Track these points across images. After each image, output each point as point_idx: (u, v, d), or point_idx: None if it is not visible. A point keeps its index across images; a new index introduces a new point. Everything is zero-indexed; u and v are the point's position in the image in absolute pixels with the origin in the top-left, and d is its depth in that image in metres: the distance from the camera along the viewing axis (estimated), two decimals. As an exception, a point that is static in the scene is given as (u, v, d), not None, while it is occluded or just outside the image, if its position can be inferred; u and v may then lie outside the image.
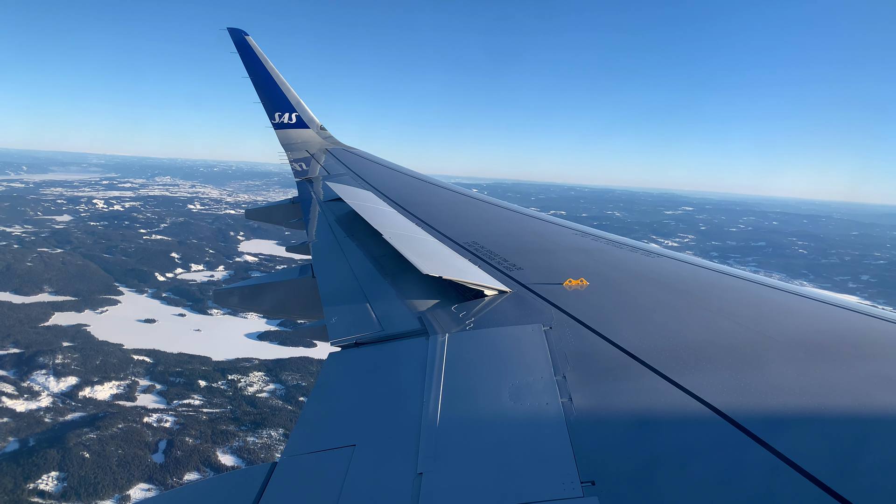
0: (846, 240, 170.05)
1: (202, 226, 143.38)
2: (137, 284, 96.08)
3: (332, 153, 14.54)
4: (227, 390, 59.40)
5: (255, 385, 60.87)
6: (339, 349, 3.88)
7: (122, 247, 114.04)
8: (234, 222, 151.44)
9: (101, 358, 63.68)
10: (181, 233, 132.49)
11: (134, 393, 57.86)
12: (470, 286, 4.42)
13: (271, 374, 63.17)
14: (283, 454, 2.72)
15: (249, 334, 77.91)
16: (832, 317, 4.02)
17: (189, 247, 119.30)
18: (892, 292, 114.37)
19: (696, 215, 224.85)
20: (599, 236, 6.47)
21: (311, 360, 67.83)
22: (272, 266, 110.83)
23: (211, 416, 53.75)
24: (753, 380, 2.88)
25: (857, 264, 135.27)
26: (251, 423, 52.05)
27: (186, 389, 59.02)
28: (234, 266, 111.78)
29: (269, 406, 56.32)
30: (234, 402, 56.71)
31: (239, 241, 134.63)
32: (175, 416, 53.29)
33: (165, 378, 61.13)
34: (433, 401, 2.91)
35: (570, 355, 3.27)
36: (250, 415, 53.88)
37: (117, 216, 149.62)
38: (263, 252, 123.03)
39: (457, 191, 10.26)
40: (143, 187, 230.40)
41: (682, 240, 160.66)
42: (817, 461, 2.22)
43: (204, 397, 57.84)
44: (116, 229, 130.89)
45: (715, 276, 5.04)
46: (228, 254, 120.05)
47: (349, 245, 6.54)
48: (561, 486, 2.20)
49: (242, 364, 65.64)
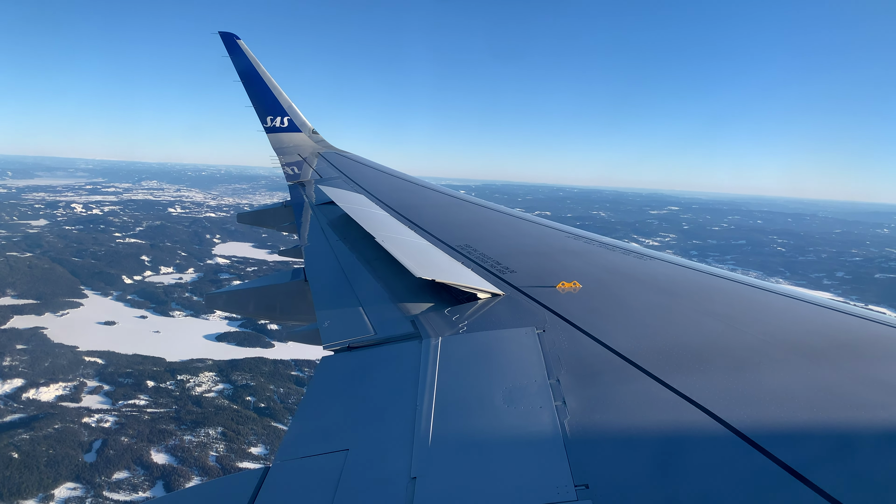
0: (826, 238, 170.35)
1: (178, 229, 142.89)
2: (103, 287, 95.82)
3: (324, 157, 14.62)
4: (174, 390, 59.34)
5: (203, 385, 60.83)
6: (332, 353, 3.89)
7: (92, 250, 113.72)
8: (210, 225, 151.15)
9: (51, 360, 63.65)
10: (156, 236, 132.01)
11: (80, 394, 57.73)
12: (463, 289, 4.43)
13: (222, 375, 63.11)
14: (275, 459, 2.72)
15: (208, 335, 77.76)
16: (825, 319, 4.03)
17: (161, 250, 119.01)
18: (865, 288, 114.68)
19: (682, 215, 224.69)
20: (592, 239, 6.48)
21: (265, 361, 67.85)
22: (243, 268, 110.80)
23: (154, 415, 53.74)
24: (746, 382, 2.88)
25: (833, 261, 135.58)
26: (191, 423, 52.07)
27: (133, 390, 58.92)
28: (205, 269, 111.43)
29: (214, 405, 56.28)
30: (180, 402, 56.67)
31: (214, 244, 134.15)
32: (117, 416, 53.28)
33: (114, 379, 60.99)
34: (427, 405, 2.92)
35: (563, 358, 3.27)
36: (193, 414, 53.87)
37: (94, 220, 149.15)
38: (237, 255, 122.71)
39: (449, 193, 10.30)
40: (127, 192, 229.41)
41: (663, 239, 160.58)
42: (811, 464, 2.22)
43: (150, 397, 57.76)
44: (90, 233, 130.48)
45: (708, 278, 5.04)
46: (200, 256, 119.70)
47: (342, 248, 6.56)
48: (555, 489, 2.20)
49: (195, 365, 65.56)
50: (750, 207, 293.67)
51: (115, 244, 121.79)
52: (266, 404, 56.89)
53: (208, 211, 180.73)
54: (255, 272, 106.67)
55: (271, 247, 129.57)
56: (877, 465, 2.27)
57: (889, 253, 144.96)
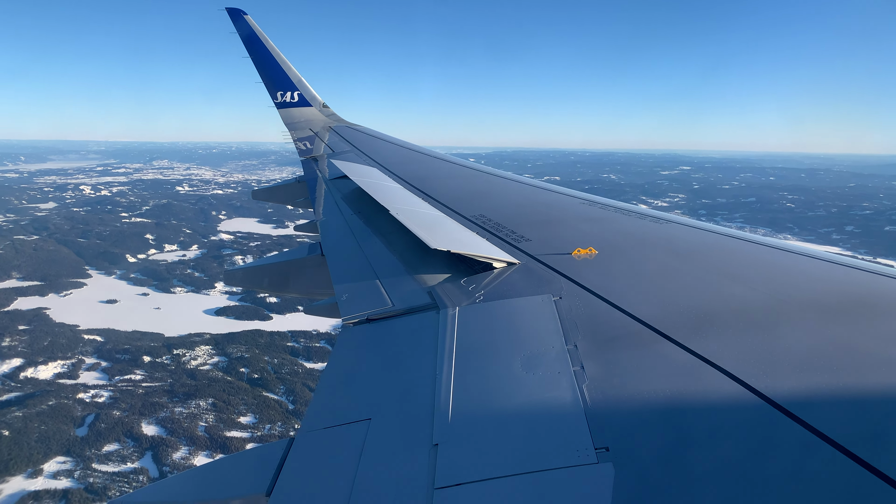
0: (839, 192, 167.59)
1: (184, 207, 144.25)
2: (107, 267, 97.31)
3: (336, 130, 14.67)
4: (170, 364, 60.43)
5: (199, 358, 61.86)
6: (352, 326, 3.96)
7: (97, 231, 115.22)
8: (216, 202, 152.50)
9: (51, 339, 64.96)
10: (162, 214, 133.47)
11: (78, 371, 58.98)
12: (478, 259, 4.48)
13: (218, 348, 64.09)
14: (299, 430, 2.83)
15: (207, 310, 78.90)
16: (845, 277, 4.01)
17: (166, 228, 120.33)
18: (874, 242, 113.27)
19: (693, 174, 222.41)
20: (607, 205, 6.48)
21: (262, 333, 68.70)
22: (246, 243, 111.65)
23: (148, 389, 54.83)
24: (766, 343, 2.90)
25: (843, 216, 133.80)
26: (183, 395, 53.05)
27: (130, 366, 60.08)
28: (209, 245, 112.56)
29: (207, 378, 57.28)
30: (175, 376, 57.70)
31: (220, 221, 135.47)
32: (112, 391, 54.44)
33: (112, 356, 62.20)
34: (446, 373, 2.97)
35: (580, 324, 3.31)
36: (186, 387, 54.85)
37: (102, 201, 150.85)
38: (241, 230, 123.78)
39: (461, 164, 10.34)
40: (137, 172, 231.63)
41: (672, 199, 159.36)
42: (834, 423, 2.23)
43: (146, 372, 58.89)
44: (97, 214, 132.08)
45: (725, 240, 5.04)
46: (205, 233, 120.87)
47: (356, 222, 6.65)
48: (575, 453, 2.25)
49: (192, 339, 66.57)
50: (764, 164, 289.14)
51: (120, 224, 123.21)
52: (259, 375, 57.73)
53: (216, 188, 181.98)
54: (258, 247, 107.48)
55: (276, 222, 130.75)
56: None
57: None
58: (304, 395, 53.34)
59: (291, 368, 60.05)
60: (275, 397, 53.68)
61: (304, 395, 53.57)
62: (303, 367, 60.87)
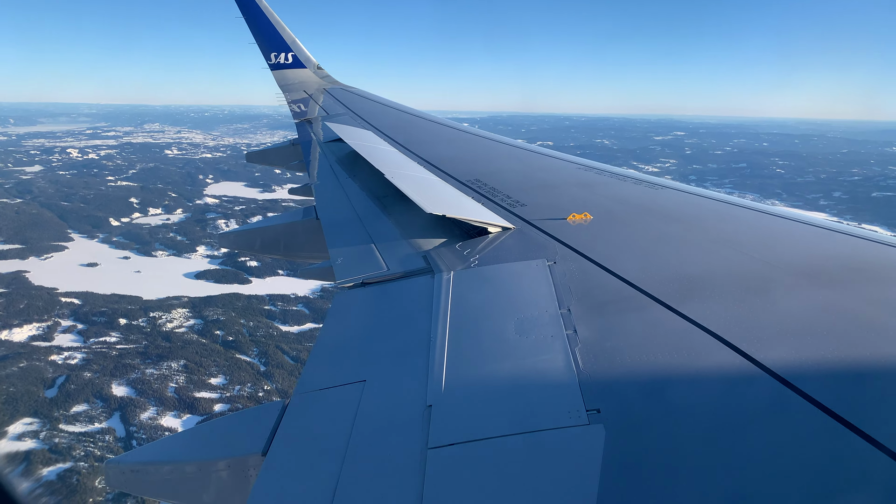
0: (830, 158, 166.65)
1: (171, 170, 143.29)
2: (90, 230, 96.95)
3: (331, 93, 14.59)
4: (145, 327, 60.72)
5: (175, 321, 62.11)
6: (347, 289, 4.00)
7: (81, 194, 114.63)
8: (204, 166, 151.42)
9: (28, 302, 65.08)
10: (148, 178, 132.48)
11: (53, 334, 59.21)
12: (473, 224, 4.51)
13: (195, 311, 64.31)
14: (294, 392, 2.85)
15: (188, 274, 78.97)
16: (838, 244, 4.05)
17: (151, 191, 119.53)
18: (860, 208, 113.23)
19: (686, 140, 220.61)
20: (603, 170, 6.49)
21: (240, 296, 68.97)
22: (231, 207, 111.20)
23: (122, 351, 55.23)
24: (758, 308, 2.93)
25: (832, 181, 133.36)
26: (156, 357, 53.48)
27: (106, 328, 60.35)
28: (193, 209, 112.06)
29: (182, 340, 57.66)
30: (150, 338, 58.05)
31: (207, 185, 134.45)
32: (86, 353, 54.82)
33: (89, 318, 62.46)
34: (440, 337, 3.01)
35: (574, 289, 3.34)
36: (160, 349, 55.26)
37: (88, 165, 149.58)
38: (227, 194, 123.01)
39: (457, 127, 10.32)
40: (127, 135, 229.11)
41: (662, 165, 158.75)
42: (822, 387, 2.25)
43: (121, 335, 59.19)
44: (83, 177, 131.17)
45: (720, 206, 5.07)
46: (190, 197, 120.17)
47: (351, 186, 6.64)
48: (567, 414, 2.29)
49: (170, 302, 66.76)
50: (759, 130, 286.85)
51: (105, 188, 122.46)
52: (234, 338, 58.11)
53: (205, 152, 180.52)
54: (242, 211, 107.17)
55: (263, 186, 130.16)
56: (886, 385, 2.30)
57: (890, 171, 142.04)
58: (277, 358, 53.79)
59: (266, 331, 60.42)
60: (247, 359, 54.12)
61: (277, 357, 54.00)
62: (278, 329, 61.25)
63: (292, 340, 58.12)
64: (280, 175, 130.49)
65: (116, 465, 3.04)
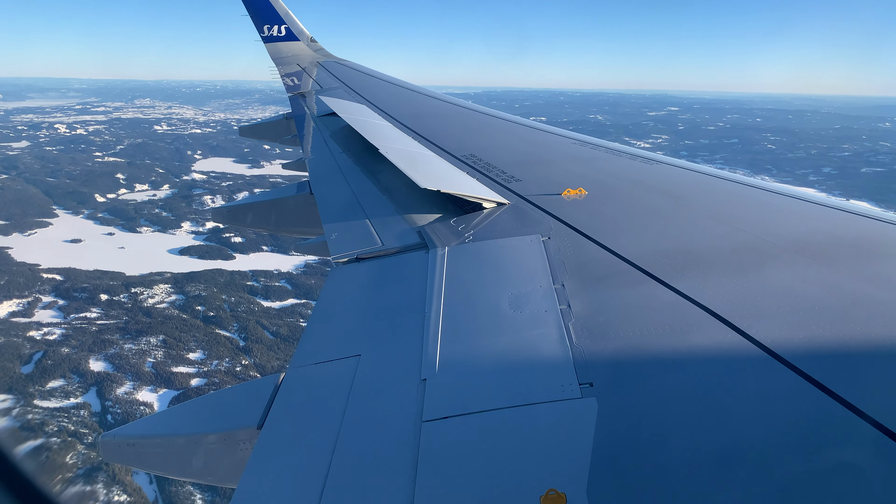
0: (822, 134, 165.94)
1: (160, 146, 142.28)
2: (75, 206, 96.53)
3: (324, 66, 14.53)
4: (126, 303, 60.71)
5: (156, 297, 62.09)
6: (341, 264, 4.03)
7: (67, 170, 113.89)
8: (193, 141, 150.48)
9: (8, 278, 64.94)
10: (136, 154, 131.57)
11: (33, 310, 59.20)
12: (468, 199, 4.51)
13: (177, 287, 64.26)
14: (290, 365, 2.87)
15: (172, 250, 78.86)
16: (830, 219, 4.07)
17: (138, 167, 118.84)
18: (849, 183, 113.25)
19: (680, 115, 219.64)
20: (598, 145, 6.51)
21: (222, 272, 68.90)
22: (219, 183, 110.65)
23: (102, 327, 55.26)
24: (751, 283, 2.95)
25: (822, 157, 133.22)
26: (135, 332, 53.53)
27: (87, 304, 60.34)
28: (180, 185, 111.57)
29: (162, 315, 57.66)
30: (131, 314, 58.06)
31: (195, 160, 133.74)
32: (66, 328, 54.85)
33: (70, 294, 62.42)
34: (435, 312, 3.03)
35: (568, 264, 3.37)
36: (140, 324, 55.30)
37: (76, 140, 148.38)
38: (216, 170, 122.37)
39: (452, 102, 10.26)
40: (117, 110, 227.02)
41: (655, 140, 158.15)
42: (813, 361, 2.27)
43: (102, 310, 59.22)
44: (69, 153, 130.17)
45: (714, 181, 5.08)
46: (178, 173, 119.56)
47: (346, 161, 6.63)
48: (560, 388, 2.31)
49: (153, 278, 66.71)
50: (753, 106, 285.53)
51: (92, 163, 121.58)
52: (215, 313, 58.16)
53: (195, 127, 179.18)
54: (229, 187, 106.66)
55: (252, 162, 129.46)
56: (877, 360, 2.32)
57: (881, 147, 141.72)
58: (257, 333, 53.88)
59: (248, 307, 60.45)
60: (227, 334, 54.21)
61: (257, 332, 54.09)
62: (259, 305, 61.29)
63: (273, 316, 58.17)
64: (269, 151, 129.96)
65: (112, 438, 3.06)
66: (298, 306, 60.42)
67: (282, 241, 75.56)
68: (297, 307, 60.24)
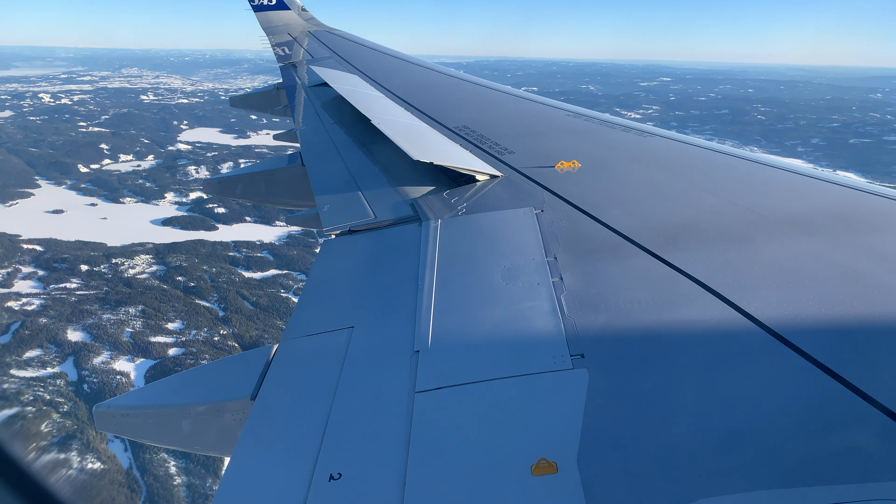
0: (812, 104, 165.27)
1: (145, 116, 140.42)
2: (58, 177, 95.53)
3: (315, 36, 14.45)
4: (107, 273, 60.58)
5: (137, 267, 62.00)
6: (334, 236, 4.04)
7: (50, 140, 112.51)
8: (179, 111, 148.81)
9: (-13, 248, 64.63)
10: (121, 124, 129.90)
11: (12, 280, 58.95)
12: (461, 171, 4.50)
13: (158, 257, 64.14)
14: (283, 337, 2.89)
15: (154, 220, 78.42)
16: (822, 192, 4.10)
17: (123, 137, 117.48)
18: (837, 154, 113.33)
19: (672, 86, 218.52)
20: (592, 117, 6.49)
21: (205, 243, 68.66)
22: (203, 154, 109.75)
23: (81, 297, 55.20)
24: (742, 256, 2.97)
25: (811, 128, 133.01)
26: (115, 302, 53.52)
27: (67, 274, 60.17)
28: (165, 155, 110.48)
29: (143, 286, 57.63)
30: (111, 284, 58.00)
31: (181, 131, 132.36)
32: (45, 299, 54.78)
33: (50, 265, 62.15)
34: (427, 284, 3.04)
35: (561, 237, 3.38)
36: (120, 295, 55.27)
37: (60, 110, 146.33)
38: (201, 140, 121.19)
39: (445, 73, 10.21)
40: (103, 80, 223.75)
41: (645, 111, 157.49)
42: (803, 333, 2.29)
43: (82, 281, 59.09)
44: (53, 123, 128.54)
45: (708, 154, 5.06)
46: (163, 143, 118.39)
47: (337, 132, 6.62)
48: (552, 359, 2.35)
49: (134, 248, 66.49)
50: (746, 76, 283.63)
51: (76, 133, 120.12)
52: (195, 283, 58.14)
53: (182, 97, 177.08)
54: (214, 158, 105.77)
55: (238, 132, 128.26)
56: (866, 331, 2.34)
57: (870, 118, 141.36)
58: (237, 303, 53.96)
59: (228, 277, 60.45)
60: (206, 304, 54.27)
61: (237, 302, 54.17)
62: (241, 276, 61.25)
63: (254, 287, 58.20)
64: (256, 121, 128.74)
65: (106, 408, 3.08)
66: (280, 277, 60.43)
67: (265, 212, 75.36)
68: (279, 278, 60.24)
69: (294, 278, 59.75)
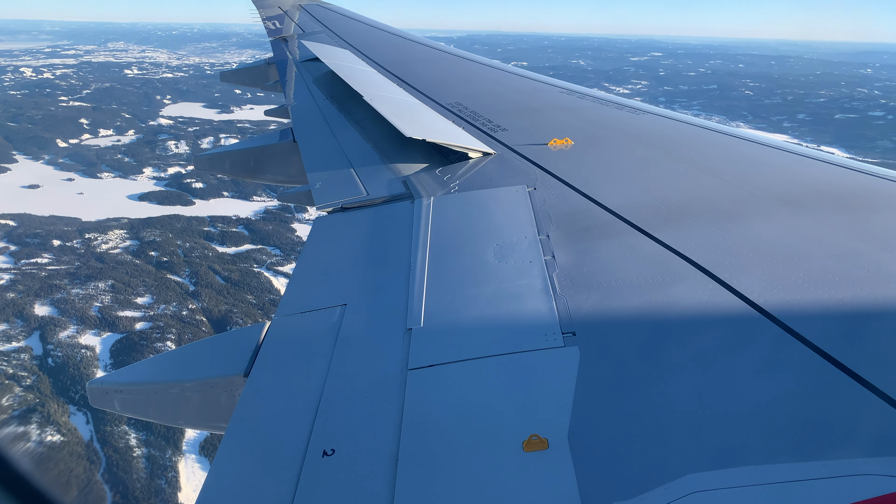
0: (801, 80, 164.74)
1: (128, 91, 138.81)
2: (36, 151, 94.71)
3: (307, 9, 14.32)
4: (79, 248, 60.34)
5: (110, 242, 61.74)
6: (326, 214, 4.01)
7: (29, 114, 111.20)
8: (162, 86, 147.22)
9: (-43, 223, 64.18)
10: (103, 98, 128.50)
11: (-17, 255, 58.73)
12: (454, 149, 4.48)
13: (132, 233, 63.85)
14: (276, 314, 2.90)
15: (131, 195, 77.99)
16: (813, 171, 4.08)
17: (104, 112, 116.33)
18: (822, 130, 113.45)
19: (662, 61, 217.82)
20: (585, 94, 6.47)
21: (180, 218, 68.47)
22: (185, 128, 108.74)
23: (52, 272, 54.98)
24: (733, 234, 2.96)
25: (798, 103, 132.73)
26: (85, 277, 53.34)
27: (39, 249, 59.92)
28: (146, 130, 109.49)
29: (115, 261, 57.42)
30: (83, 259, 57.77)
31: (164, 105, 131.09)
32: (15, 274, 54.54)
33: (22, 240, 61.85)
34: (420, 262, 3.04)
35: (553, 215, 3.36)
36: (91, 270, 55.07)
37: (41, 84, 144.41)
38: (184, 115, 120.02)
39: (437, 48, 10.10)
40: (88, 54, 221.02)
41: (634, 86, 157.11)
42: (793, 311, 2.30)
43: (54, 256, 58.86)
44: (34, 97, 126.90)
45: (701, 132, 5.05)
46: (144, 118, 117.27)
47: (329, 108, 6.59)
48: (543, 337, 2.36)
49: (109, 224, 66.19)
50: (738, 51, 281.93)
51: (56, 108, 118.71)
52: (168, 258, 57.94)
53: (166, 72, 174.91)
54: (195, 133, 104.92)
55: (222, 107, 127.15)
56: (857, 311, 2.33)
57: (857, 93, 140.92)
58: (208, 278, 53.85)
59: (202, 252, 60.27)
60: (177, 279, 54.16)
61: (208, 277, 54.06)
62: (214, 251, 61.09)
63: (227, 261, 58.06)
64: (240, 96, 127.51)
65: (99, 385, 3.08)
66: (254, 252, 60.28)
67: (243, 187, 74.93)
68: (252, 252, 60.08)
69: (268, 253, 59.64)
